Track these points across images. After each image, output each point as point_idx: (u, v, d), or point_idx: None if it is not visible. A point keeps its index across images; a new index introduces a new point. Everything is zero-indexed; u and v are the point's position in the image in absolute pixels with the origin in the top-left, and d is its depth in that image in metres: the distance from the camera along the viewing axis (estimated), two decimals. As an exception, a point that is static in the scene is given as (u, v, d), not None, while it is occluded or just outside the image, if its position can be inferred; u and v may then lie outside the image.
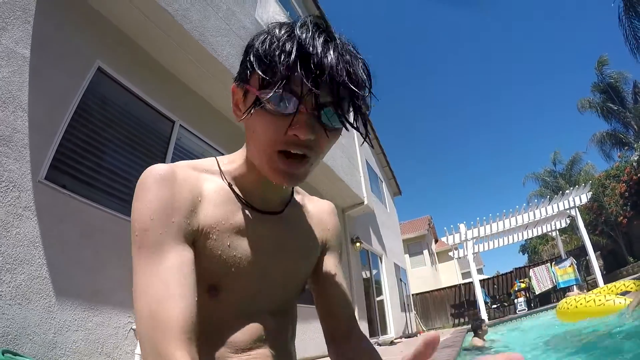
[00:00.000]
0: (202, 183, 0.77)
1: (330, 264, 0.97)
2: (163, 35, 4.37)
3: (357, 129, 0.69)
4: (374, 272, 13.13)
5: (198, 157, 3.67)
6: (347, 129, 0.69)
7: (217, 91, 5.36)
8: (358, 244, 10.39)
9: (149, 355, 0.57)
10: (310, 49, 0.61)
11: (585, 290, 11.94)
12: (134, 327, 3.45)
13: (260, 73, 0.64)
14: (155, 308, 0.59)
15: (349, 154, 10.10)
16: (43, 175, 3.06)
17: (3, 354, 2.25)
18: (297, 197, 0.95)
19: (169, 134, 4.72)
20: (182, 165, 0.77)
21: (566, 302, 6.50)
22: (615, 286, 6.88)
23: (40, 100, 3.15)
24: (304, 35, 0.63)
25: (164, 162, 4.35)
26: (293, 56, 0.61)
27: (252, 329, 0.79)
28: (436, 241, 30.33)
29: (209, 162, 0.83)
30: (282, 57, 0.61)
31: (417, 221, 27.80)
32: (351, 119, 0.69)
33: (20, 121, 2.98)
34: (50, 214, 3.04)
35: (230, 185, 0.81)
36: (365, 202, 10.33)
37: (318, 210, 0.98)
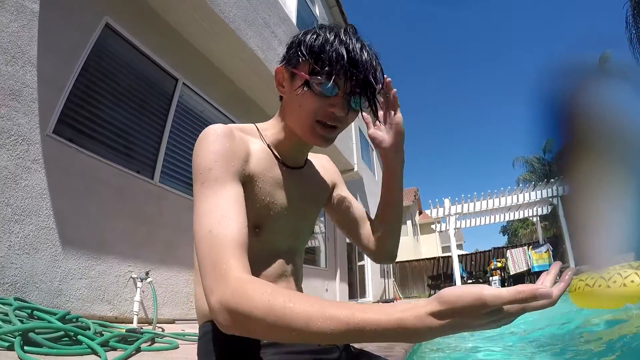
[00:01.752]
0: (249, 143, 0.95)
1: (342, 195, 1.22)
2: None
3: (375, 113, 0.98)
4: (358, 237, 13.38)
5: (199, 115, 3.83)
6: (373, 113, 0.98)
7: (222, 51, 5.39)
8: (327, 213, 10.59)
9: (207, 265, 0.66)
10: (353, 53, 0.86)
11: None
12: (134, 275, 3.64)
13: (311, 61, 0.87)
14: (214, 227, 0.70)
15: (344, 122, 10.16)
16: (51, 129, 3.15)
17: (15, 301, 2.41)
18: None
19: (172, 92, 4.78)
20: (235, 127, 0.94)
21: (581, 280, 4.58)
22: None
23: (49, 55, 3.19)
24: (346, 39, 0.87)
25: (166, 118, 4.49)
26: (345, 59, 0.85)
27: (279, 265, 0.99)
28: (420, 213, 30.75)
29: (250, 127, 1.02)
30: (335, 57, 0.85)
31: (403, 191, 28.14)
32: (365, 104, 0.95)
33: (29, 76, 3.03)
34: (58, 167, 3.15)
35: (269, 147, 1.00)
36: (355, 169, 10.51)
37: (321, 162, 1.22)
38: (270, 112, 6.70)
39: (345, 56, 0.85)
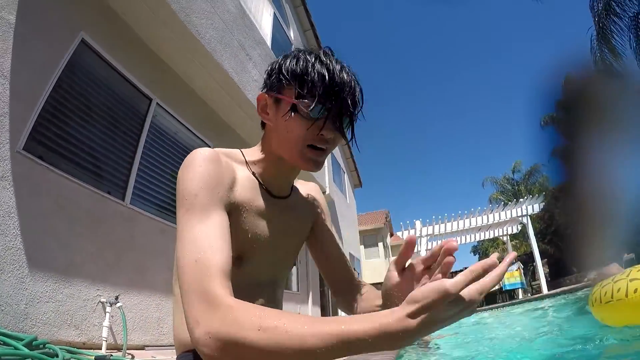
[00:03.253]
0: (235, 169, 0.94)
1: (324, 230, 1.19)
2: (149, 13, 4.34)
3: (352, 137, 0.97)
4: (330, 260, 13.34)
5: (172, 137, 3.78)
6: (350, 136, 0.96)
7: (197, 72, 5.37)
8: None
9: (192, 295, 0.65)
10: (334, 74, 0.87)
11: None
12: (102, 300, 3.50)
13: (295, 85, 0.88)
14: (199, 257, 0.68)
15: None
16: (21, 145, 3.04)
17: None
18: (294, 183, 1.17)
19: (146, 112, 4.71)
20: (221, 152, 0.93)
21: (602, 287, 3.41)
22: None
23: (22, 69, 3.10)
24: (329, 62, 0.88)
25: (138, 138, 4.41)
26: (327, 79, 0.86)
27: (260, 296, 0.99)
28: (391, 235, 30.98)
29: (235, 152, 1.00)
30: (318, 77, 0.86)
31: (375, 214, 28.32)
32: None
33: (0, 89, 2.94)
34: (27, 185, 3.03)
35: (254, 174, 0.98)
36: (327, 192, 10.56)
37: (307, 190, 1.19)
38: (243, 135, 6.71)
39: (327, 77, 0.86)
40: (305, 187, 1.20)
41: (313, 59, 0.89)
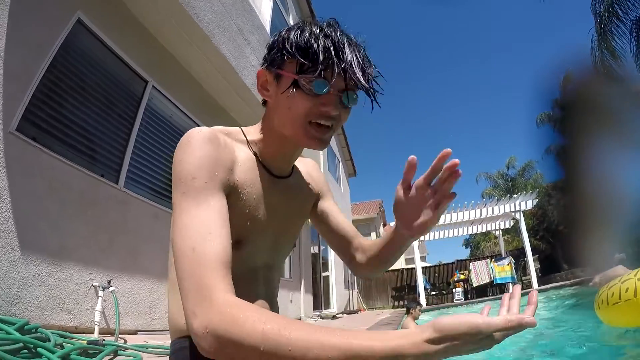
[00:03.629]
0: (235, 149, 0.89)
1: (328, 204, 1.19)
2: (147, -7, 4.25)
3: (373, 96, 0.89)
4: (322, 248, 13.45)
5: (167, 120, 3.72)
6: (372, 100, 0.89)
7: (194, 56, 5.30)
8: (309, 220, 10.57)
9: (190, 285, 0.62)
10: (341, 46, 0.81)
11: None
12: (95, 284, 3.48)
13: (302, 60, 0.80)
14: (197, 244, 0.66)
15: (313, 132, 10.20)
16: (14, 126, 2.98)
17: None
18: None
19: (141, 94, 4.64)
20: (220, 131, 0.88)
21: (609, 289, 3.35)
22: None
23: (17, 49, 3.03)
24: (333, 34, 0.82)
25: (133, 121, 4.36)
26: (333, 51, 0.79)
27: (258, 280, 0.97)
28: (384, 225, 31.05)
29: (235, 130, 0.96)
30: (323, 50, 0.79)
31: (368, 203, 28.36)
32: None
33: (-6, 69, 2.88)
34: (20, 167, 2.98)
35: (255, 154, 0.94)
36: (322, 180, 10.53)
37: (307, 168, 1.16)
38: (239, 120, 6.65)
39: (333, 50, 0.80)
40: (303, 164, 1.16)
41: (317, 30, 0.83)
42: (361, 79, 0.82)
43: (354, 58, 0.81)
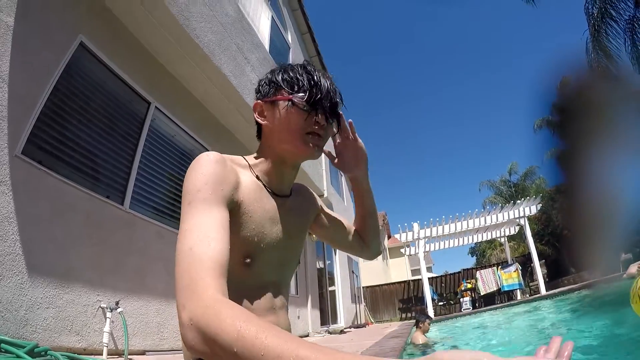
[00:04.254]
0: (239, 173, 0.98)
1: (328, 216, 1.33)
2: (147, 16, 4.32)
3: (338, 126, 1.14)
4: (328, 262, 13.40)
5: (170, 140, 3.75)
6: (332, 122, 1.08)
7: (195, 76, 5.36)
8: (314, 236, 10.49)
9: (183, 281, 0.65)
10: (316, 76, 1.01)
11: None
12: (103, 305, 3.47)
13: (287, 87, 1.00)
14: (194, 245, 0.70)
15: (315, 147, 10.26)
16: (20, 149, 3.01)
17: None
18: None
19: (144, 115, 4.69)
20: (227, 157, 0.98)
21: None
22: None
23: (21, 72, 3.07)
24: (310, 68, 1.02)
25: (137, 142, 4.40)
26: (313, 78, 1.00)
27: (268, 297, 1.01)
28: (389, 237, 31.01)
29: (239, 158, 1.06)
30: (306, 79, 1.00)
31: (372, 216, 28.28)
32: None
33: (-1, 92, 2.92)
34: (26, 190, 3.01)
35: (257, 177, 1.03)
36: (325, 195, 10.55)
37: (300, 190, 1.25)
38: (241, 139, 6.70)
39: (314, 79, 1.00)
40: (298, 186, 1.26)
41: (300, 68, 1.02)
42: (329, 107, 1.02)
43: (328, 83, 1.01)
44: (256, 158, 1.08)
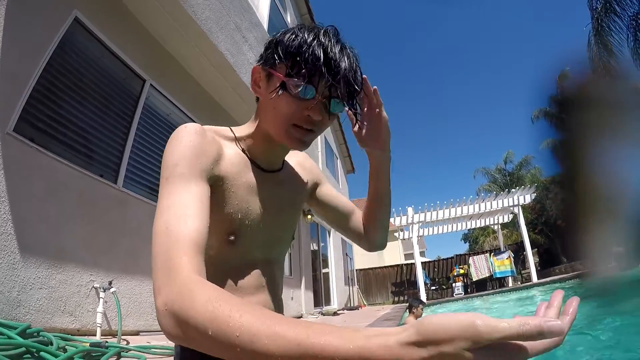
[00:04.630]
0: (222, 145, 0.91)
1: (326, 189, 1.21)
2: (144, -9, 4.20)
3: (355, 114, 1.00)
4: (322, 245, 13.45)
5: (165, 118, 3.66)
6: (353, 111, 0.97)
7: (192, 54, 5.26)
8: (309, 217, 10.54)
9: (159, 262, 0.61)
10: (332, 55, 0.81)
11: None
12: (96, 285, 3.44)
13: (288, 63, 0.83)
14: (171, 223, 0.66)
15: (311, 129, 10.20)
16: (12, 127, 2.94)
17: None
18: None
19: (139, 93, 4.60)
20: (208, 128, 0.91)
21: None
22: None
23: (13, 48, 2.98)
24: (326, 41, 0.83)
25: (131, 120, 4.32)
26: (322, 61, 0.80)
27: (256, 276, 0.95)
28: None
29: (224, 129, 0.98)
30: (312, 59, 0.80)
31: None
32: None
33: (-10, 68, 2.83)
34: (17, 168, 2.94)
35: (243, 151, 0.96)
36: (320, 177, 10.51)
37: (298, 160, 1.16)
38: (235, 117, 6.62)
39: (323, 58, 0.81)
40: (295, 156, 1.16)
41: (312, 37, 0.83)
42: (345, 94, 0.85)
43: (343, 70, 0.83)
44: (245, 129, 0.99)
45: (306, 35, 0.84)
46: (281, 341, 0.45)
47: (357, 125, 1.05)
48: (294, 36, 0.85)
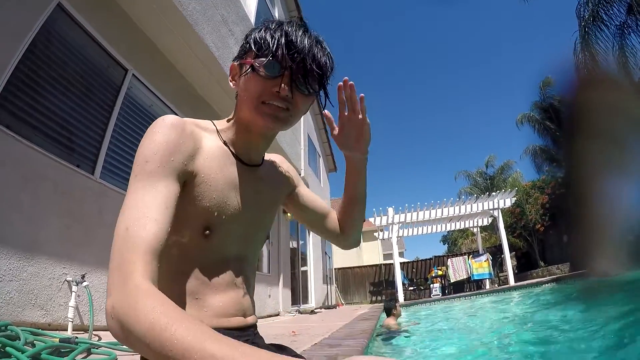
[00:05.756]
0: (203, 138, 0.91)
1: (304, 192, 1.24)
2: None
3: (316, 95, 0.97)
4: (301, 243, 13.45)
5: (147, 110, 3.57)
6: (308, 93, 0.93)
7: (176, 45, 5.18)
8: (289, 214, 10.48)
9: (114, 263, 0.62)
10: (292, 37, 0.87)
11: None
12: (69, 278, 3.36)
13: (254, 49, 0.89)
14: (130, 225, 0.66)
15: (293, 127, 10.15)
16: (-14, 112, 2.84)
17: None
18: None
19: (121, 83, 4.51)
20: (189, 121, 0.90)
21: None
22: None
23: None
24: (289, 28, 0.89)
25: (111, 110, 4.22)
26: (282, 40, 0.86)
27: (229, 273, 0.93)
28: (364, 220, 31.27)
29: (206, 122, 0.99)
30: (272, 40, 0.87)
31: (348, 199, 28.40)
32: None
33: (-34, 51, 2.73)
34: (-9, 155, 2.85)
35: (225, 144, 0.97)
36: (302, 175, 10.49)
37: (275, 162, 1.17)
38: (219, 110, 6.55)
39: (284, 40, 0.87)
40: (272, 157, 1.18)
41: (276, 26, 0.90)
42: (307, 72, 0.89)
43: (307, 46, 0.88)
44: (226, 123, 1.01)
45: (271, 26, 0.90)
46: (210, 359, 0.45)
47: (336, 129, 1.09)
48: (262, 27, 0.92)
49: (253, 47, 0.89)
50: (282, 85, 0.87)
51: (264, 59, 0.87)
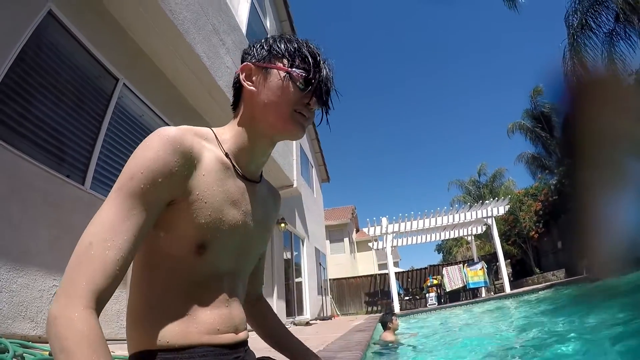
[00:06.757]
0: (203, 150, 0.87)
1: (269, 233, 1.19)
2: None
3: (326, 112, 1.00)
4: (295, 254, 13.36)
5: (137, 120, 3.53)
6: (327, 107, 0.98)
7: (167, 54, 5.15)
8: (283, 225, 10.48)
9: (69, 273, 0.65)
10: (319, 60, 0.95)
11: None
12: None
13: (289, 58, 0.93)
14: (95, 242, 0.67)
15: (287, 136, 10.15)
16: (-26, 121, 2.79)
17: None
18: None
19: (112, 92, 4.46)
20: (189, 131, 0.86)
21: None
22: None
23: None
24: (316, 51, 0.96)
25: (102, 120, 4.17)
26: (318, 57, 0.95)
27: (222, 290, 0.91)
28: (357, 231, 31.22)
29: (205, 131, 0.95)
30: (309, 59, 0.93)
31: (341, 209, 28.39)
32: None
33: (-47, 58, 2.68)
34: (-21, 164, 2.79)
35: (227, 155, 0.94)
36: (295, 186, 10.43)
37: (273, 191, 1.18)
38: (210, 120, 6.52)
39: (318, 58, 0.94)
40: (271, 185, 1.19)
41: (304, 44, 0.95)
42: (324, 96, 0.95)
43: (325, 75, 0.94)
44: (228, 130, 0.98)
45: (300, 41, 0.96)
46: None
47: None
48: (288, 41, 0.96)
49: (286, 56, 0.93)
50: (314, 100, 0.93)
51: (301, 72, 0.91)
